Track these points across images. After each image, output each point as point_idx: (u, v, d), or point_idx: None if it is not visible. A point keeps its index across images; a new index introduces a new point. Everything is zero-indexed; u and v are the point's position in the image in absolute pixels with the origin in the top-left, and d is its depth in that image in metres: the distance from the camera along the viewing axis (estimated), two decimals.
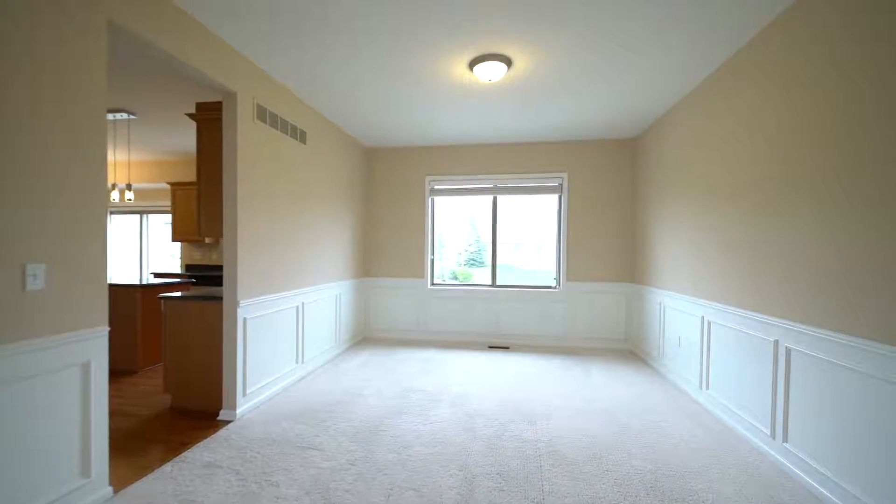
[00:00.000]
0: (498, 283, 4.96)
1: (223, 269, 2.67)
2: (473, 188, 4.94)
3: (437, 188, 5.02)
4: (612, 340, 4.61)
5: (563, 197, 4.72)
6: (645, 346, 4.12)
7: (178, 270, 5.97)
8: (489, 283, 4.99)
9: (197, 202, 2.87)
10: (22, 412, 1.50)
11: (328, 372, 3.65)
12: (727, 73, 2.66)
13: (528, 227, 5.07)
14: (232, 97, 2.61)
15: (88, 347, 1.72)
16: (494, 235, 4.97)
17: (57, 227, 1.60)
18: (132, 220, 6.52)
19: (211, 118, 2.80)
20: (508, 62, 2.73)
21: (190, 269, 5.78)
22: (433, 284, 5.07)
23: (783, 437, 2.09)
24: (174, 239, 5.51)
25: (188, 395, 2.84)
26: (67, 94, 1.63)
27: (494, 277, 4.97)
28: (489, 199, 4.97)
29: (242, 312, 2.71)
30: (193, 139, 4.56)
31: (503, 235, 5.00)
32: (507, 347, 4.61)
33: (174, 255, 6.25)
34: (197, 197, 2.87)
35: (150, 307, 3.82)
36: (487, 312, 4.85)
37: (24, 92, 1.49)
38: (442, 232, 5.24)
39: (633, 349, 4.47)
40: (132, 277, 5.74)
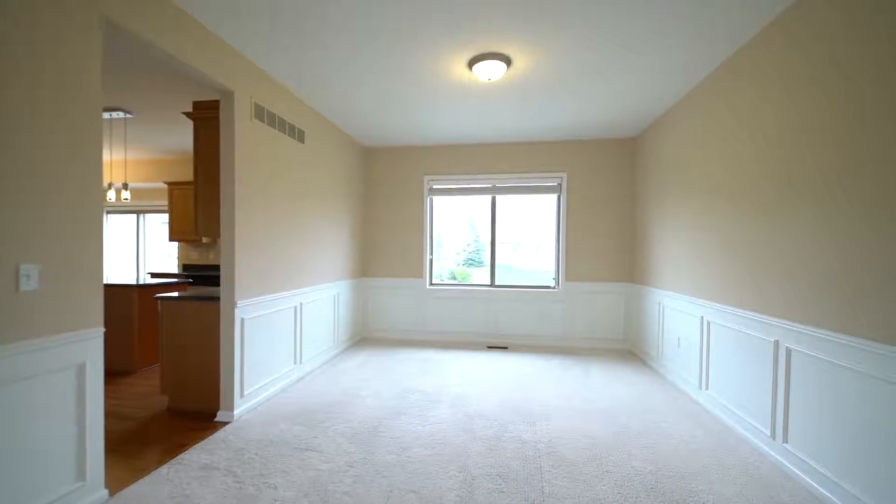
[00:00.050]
0: (497, 283, 4.96)
1: (220, 269, 2.65)
2: (472, 188, 4.93)
3: (435, 188, 5.01)
4: (611, 340, 4.61)
5: (562, 197, 4.72)
6: (644, 346, 4.12)
7: (175, 270, 5.94)
8: (488, 283, 4.98)
9: (194, 201, 2.85)
10: (16, 415, 1.48)
11: (326, 372, 3.64)
12: (727, 72, 2.66)
13: (526, 226, 5.06)
14: (229, 96, 2.59)
15: (83, 348, 1.70)
16: (493, 235, 4.96)
17: (52, 227, 1.58)
18: (129, 219, 6.49)
19: (208, 117, 2.78)
20: (508, 61, 2.72)
21: (187, 268, 5.74)
22: (432, 284, 5.06)
23: (783, 437, 2.09)
24: (171, 239, 5.48)
25: (185, 396, 2.82)
26: (67, 93, 1.62)
27: (493, 277, 4.96)
28: (488, 198, 4.96)
29: (240, 313, 2.69)
30: (190, 138, 4.52)
31: (502, 235, 4.99)
32: (505, 347, 4.61)
33: (171, 254, 6.22)
34: (194, 196, 2.85)
35: (146, 307, 3.80)
36: (486, 312, 4.84)
37: (24, 92, 1.48)
38: (440, 232, 5.22)
39: (632, 349, 4.47)
40: (129, 277, 5.70)
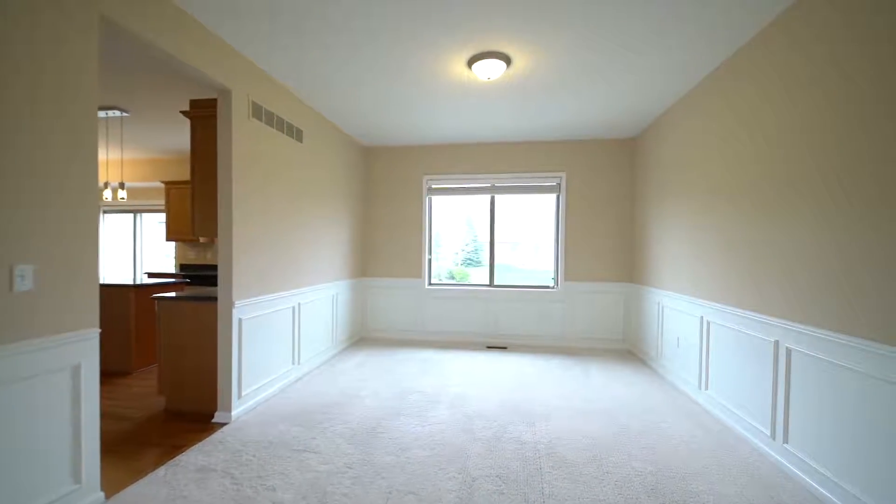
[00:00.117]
0: (496, 282, 4.95)
1: (218, 268, 2.63)
2: (471, 187, 4.92)
3: (434, 187, 4.99)
4: (610, 340, 4.61)
5: (561, 196, 4.71)
6: (643, 346, 4.12)
7: (172, 270, 5.91)
8: (487, 282, 4.97)
9: (191, 201, 2.83)
10: (10, 417, 1.46)
11: (325, 373, 3.62)
12: (727, 72, 2.65)
13: (525, 226, 5.06)
14: (227, 94, 2.57)
15: (79, 349, 1.67)
16: (492, 235, 4.95)
17: (46, 227, 1.56)
18: (126, 219, 6.45)
19: (205, 116, 2.76)
20: (507, 60, 2.71)
21: (184, 268, 5.71)
22: (431, 284, 5.05)
23: (783, 437, 2.09)
24: (168, 238, 5.45)
25: (183, 396, 2.80)
26: (67, 93, 1.61)
27: (492, 277, 4.96)
28: (487, 198, 4.95)
29: (238, 313, 2.67)
30: (187, 137, 4.49)
31: (501, 235, 4.98)
32: (505, 347, 4.60)
33: (168, 254, 6.18)
34: (191, 196, 2.83)
35: (143, 307, 3.77)
36: (485, 312, 4.83)
37: (24, 92, 1.47)
38: (439, 231, 5.21)
39: (631, 349, 4.47)
40: (126, 277, 5.67)
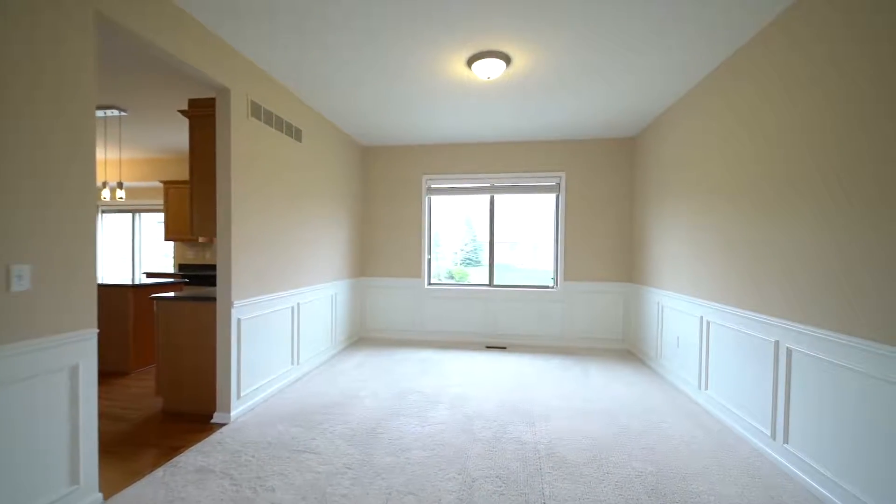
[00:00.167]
0: (495, 282, 4.94)
1: (217, 268, 2.62)
2: (471, 187, 4.91)
3: (434, 187, 4.98)
4: (609, 340, 4.61)
5: (560, 196, 4.71)
6: (643, 346, 4.12)
7: (171, 270, 5.89)
8: (486, 282, 4.96)
9: (190, 201, 2.82)
10: (7, 418, 1.45)
11: (324, 373, 3.61)
12: (727, 72, 2.65)
13: (525, 226, 5.05)
14: (225, 93, 2.56)
15: (76, 350, 1.66)
16: (492, 235, 4.94)
17: (44, 226, 1.55)
18: (124, 218, 6.42)
19: (204, 115, 2.75)
20: (507, 59, 2.71)
21: (183, 268, 5.70)
22: (430, 284, 5.04)
23: (784, 437, 2.09)
24: (167, 238, 5.43)
25: (181, 397, 2.79)
26: (66, 92, 1.60)
27: (492, 277, 4.95)
28: (486, 197, 4.95)
29: (237, 313, 2.66)
30: (186, 136, 4.48)
31: (500, 235, 4.97)
32: (504, 347, 4.59)
33: (167, 254, 6.16)
34: (190, 195, 2.82)
35: (142, 307, 3.76)
36: (485, 312, 4.82)
37: (23, 92, 1.47)
38: (438, 231, 5.21)
39: (630, 349, 4.47)
40: (124, 277, 5.65)
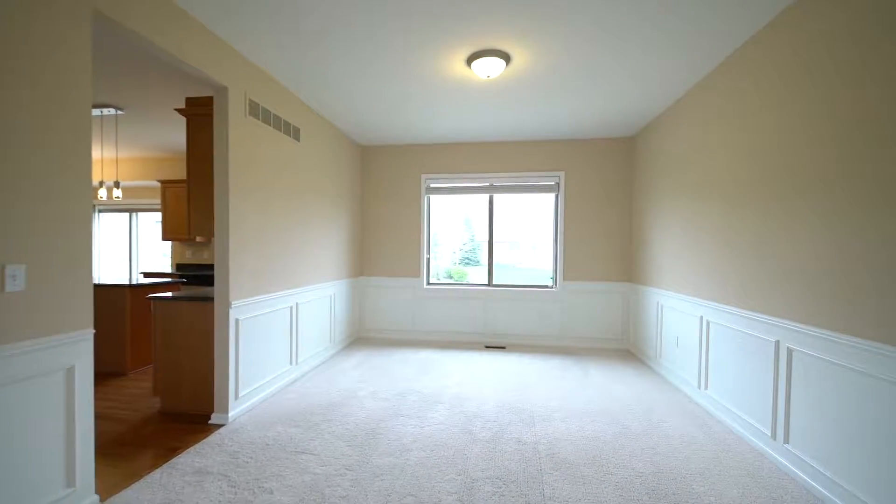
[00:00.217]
0: (494, 282, 4.93)
1: (215, 268, 2.60)
2: (470, 187, 4.90)
3: (433, 186, 4.97)
4: (609, 340, 4.60)
5: (559, 196, 4.70)
6: (642, 345, 4.12)
7: (168, 270, 5.86)
8: (485, 282, 4.95)
9: (187, 200, 2.80)
10: (1, 420, 1.43)
11: (323, 373, 3.60)
12: (727, 72, 2.65)
13: (524, 226, 5.05)
14: (223, 92, 2.54)
15: (72, 351, 1.65)
16: (491, 234, 4.93)
17: (39, 226, 1.53)
18: (121, 218, 6.39)
19: (201, 114, 2.73)
20: (507, 58, 2.70)
21: (181, 268, 5.66)
22: (429, 284, 5.03)
23: (784, 438, 2.08)
24: (164, 238, 5.40)
25: (179, 398, 2.77)
26: (64, 92, 1.59)
27: (491, 277, 4.94)
28: (485, 197, 4.94)
29: (234, 313, 2.64)
30: (183, 135, 4.46)
31: (499, 234, 4.96)
32: (503, 347, 4.59)
33: (165, 254, 6.13)
34: (187, 195, 2.80)
35: (139, 308, 3.73)
36: (484, 312, 4.82)
37: (17, 90, 1.45)
38: (436, 230, 5.19)
39: (630, 349, 4.47)
40: (121, 277, 5.62)
